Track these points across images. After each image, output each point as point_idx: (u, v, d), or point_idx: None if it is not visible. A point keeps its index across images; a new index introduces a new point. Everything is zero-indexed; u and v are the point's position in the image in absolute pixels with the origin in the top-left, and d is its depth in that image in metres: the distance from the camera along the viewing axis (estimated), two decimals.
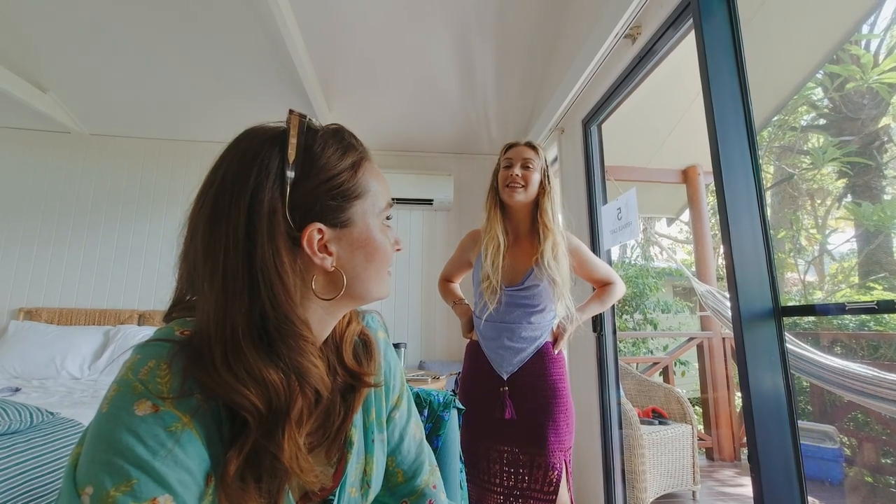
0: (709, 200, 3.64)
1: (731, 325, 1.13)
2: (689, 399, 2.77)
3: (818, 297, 4.44)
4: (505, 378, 1.34)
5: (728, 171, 1.14)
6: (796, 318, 3.26)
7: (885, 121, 3.64)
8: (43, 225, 3.00)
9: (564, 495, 1.25)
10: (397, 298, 3.19)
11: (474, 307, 1.47)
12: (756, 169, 1.14)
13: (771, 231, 1.12)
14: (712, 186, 1.19)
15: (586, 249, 1.45)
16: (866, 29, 3.52)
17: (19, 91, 2.50)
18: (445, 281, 1.60)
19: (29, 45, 2.38)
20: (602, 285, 1.47)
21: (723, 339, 3.37)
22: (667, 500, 2.48)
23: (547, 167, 1.40)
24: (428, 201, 3.21)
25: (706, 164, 3.45)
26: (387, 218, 0.55)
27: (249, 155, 0.45)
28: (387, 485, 0.64)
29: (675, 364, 3.81)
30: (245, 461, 0.42)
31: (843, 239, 4.47)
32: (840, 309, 1.01)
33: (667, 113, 3.09)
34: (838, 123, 3.94)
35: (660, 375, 3.58)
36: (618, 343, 2.04)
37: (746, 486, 2.71)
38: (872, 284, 3.75)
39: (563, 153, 2.40)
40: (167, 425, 0.38)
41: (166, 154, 3.19)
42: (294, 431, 0.44)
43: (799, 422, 1.04)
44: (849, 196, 4.06)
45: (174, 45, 2.38)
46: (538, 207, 1.37)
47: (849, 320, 3.22)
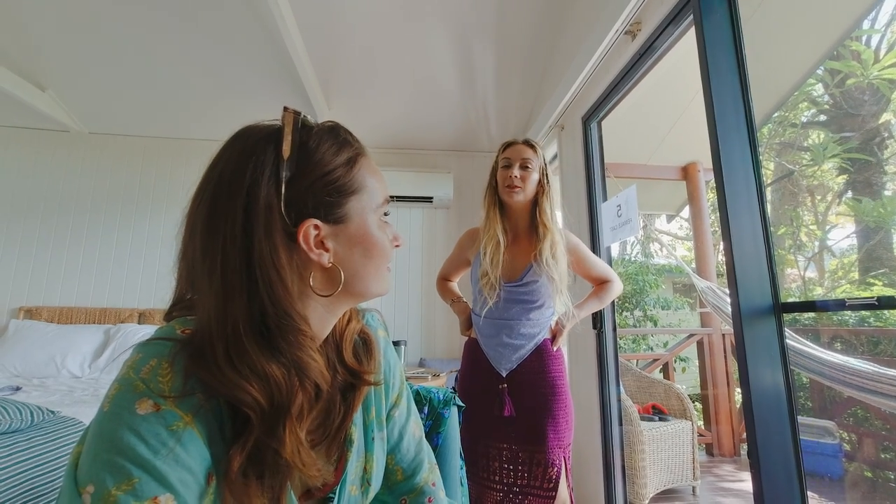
0: (709, 197, 3.63)
1: (731, 322, 1.13)
2: (689, 395, 2.77)
3: (818, 294, 4.44)
4: (504, 375, 1.34)
5: (728, 168, 1.13)
6: (796, 315, 3.26)
7: (886, 117, 3.63)
8: (42, 224, 3.00)
9: (564, 492, 1.26)
10: (397, 296, 3.19)
11: (473, 305, 1.47)
12: (756, 165, 1.14)
13: (771, 227, 1.12)
14: (712, 183, 1.19)
15: (584, 247, 1.45)
16: (867, 24, 3.50)
17: (18, 90, 2.49)
18: (443, 279, 1.60)
19: (27, 44, 2.37)
20: (600, 283, 1.47)
21: (723, 336, 3.37)
22: (667, 496, 2.48)
23: (545, 165, 1.39)
24: (428, 199, 3.20)
25: (706, 161, 3.45)
26: (385, 214, 0.55)
27: (246, 153, 0.45)
28: (386, 483, 0.64)
29: (675, 360, 3.82)
30: (248, 458, 0.42)
31: (844, 235, 4.46)
32: (840, 305, 1.01)
33: (667, 110, 3.08)
34: (839, 120, 3.93)
35: (660, 372, 3.58)
36: (618, 340, 2.04)
37: (746, 482, 2.72)
38: (872, 280, 3.75)
39: (563, 150, 2.40)
40: (168, 424, 0.38)
41: (166, 153, 3.19)
42: (295, 426, 0.44)
43: (799, 417, 1.04)
44: (849, 192, 4.06)
45: (173, 44, 2.38)
46: (537, 206, 1.37)
47: (849, 316, 3.22)
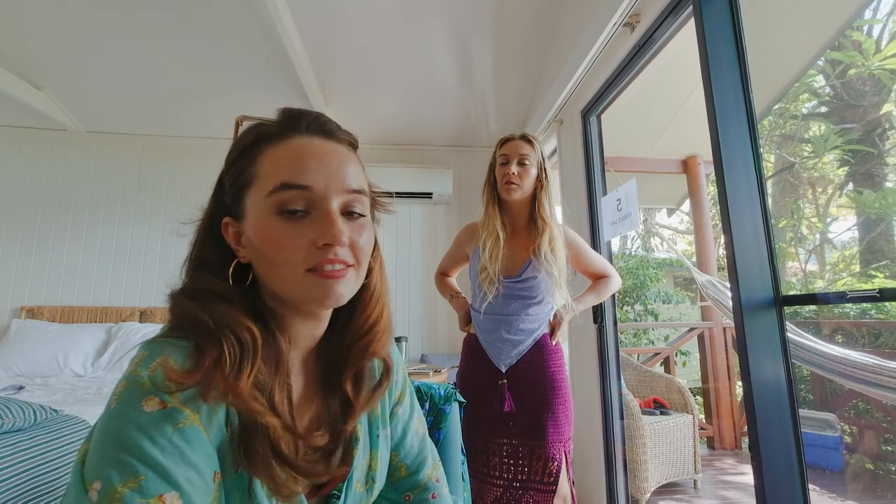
0: (709, 190, 3.62)
1: (732, 315, 1.12)
2: (690, 389, 2.78)
3: (819, 286, 4.44)
4: (503, 370, 1.34)
5: (728, 161, 1.13)
6: (797, 307, 3.26)
7: (888, 108, 3.61)
8: (42, 223, 3.00)
9: (565, 486, 1.26)
10: (398, 291, 3.19)
11: (472, 300, 1.46)
12: (757, 158, 1.13)
13: (772, 220, 1.11)
14: (713, 176, 1.18)
15: (583, 242, 1.45)
16: (868, 14, 3.47)
17: (14, 89, 2.48)
18: (442, 275, 1.59)
19: (23, 43, 2.36)
20: (598, 278, 1.46)
21: (723, 329, 3.37)
22: (668, 489, 2.49)
23: (543, 160, 1.38)
24: (427, 195, 3.20)
25: (706, 154, 3.44)
26: (289, 209, 0.45)
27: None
28: (390, 479, 0.64)
29: (676, 354, 3.82)
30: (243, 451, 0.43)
31: (845, 227, 4.45)
32: (841, 297, 1.00)
33: (667, 103, 3.07)
34: (840, 111, 3.90)
35: (661, 366, 3.59)
36: (619, 334, 2.04)
37: (747, 475, 2.73)
38: (874, 272, 3.74)
39: (563, 144, 2.38)
40: (175, 422, 0.38)
41: (164, 150, 3.17)
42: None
43: (800, 410, 1.04)
44: (850, 184, 4.04)
45: (170, 42, 2.36)
46: (535, 201, 1.37)
47: (850, 309, 3.22)
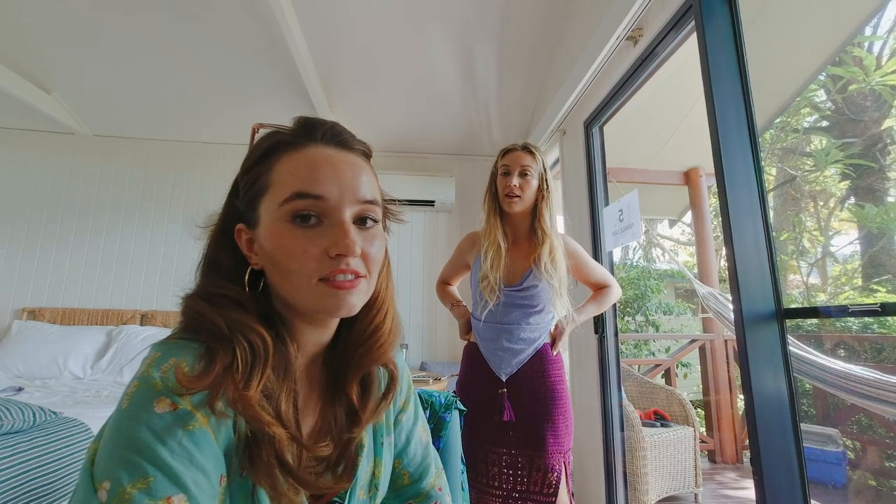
0: (711, 202, 3.63)
1: (734, 328, 1.12)
2: (691, 401, 2.76)
3: (821, 300, 4.42)
4: (504, 379, 1.34)
5: (730, 173, 1.13)
6: (799, 321, 3.25)
7: (889, 123, 3.62)
8: (46, 225, 3.01)
9: (564, 497, 1.25)
10: (399, 299, 3.17)
11: (472, 309, 1.46)
12: (758, 171, 1.14)
13: (773, 233, 1.12)
14: (714, 188, 1.19)
15: (583, 252, 1.45)
16: (869, 31, 3.51)
17: (23, 92, 2.51)
18: (443, 283, 1.59)
19: (32, 47, 2.39)
20: (599, 288, 1.46)
21: (725, 342, 3.35)
22: (669, 503, 2.47)
23: (545, 170, 1.38)
24: (430, 202, 3.21)
25: (708, 166, 3.45)
26: (302, 217, 0.45)
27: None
28: (393, 487, 0.64)
29: (677, 366, 3.80)
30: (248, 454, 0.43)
31: (847, 241, 4.45)
32: (843, 311, 1.00)
33: (669, 115, 3.09)
34: (841, 125, 3.92)
35: (662, 377, 3.57)
36: (619, 345, 2.03)
37: (749, 489, 2.70)
38: (876, 287, 3.73)
39: (565, 155, 2.40)
40: (185, 424, 0.38)
41: (170, 155, 3.20)
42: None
43: (802, 425, 1.04)
44: (852, 198, 4.05)
45: (177, 48, 2.40)
46: (536, 211, 1.37)
47: (852, 323, 3.21)
